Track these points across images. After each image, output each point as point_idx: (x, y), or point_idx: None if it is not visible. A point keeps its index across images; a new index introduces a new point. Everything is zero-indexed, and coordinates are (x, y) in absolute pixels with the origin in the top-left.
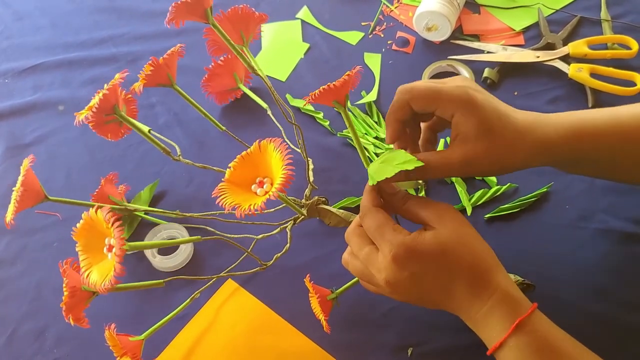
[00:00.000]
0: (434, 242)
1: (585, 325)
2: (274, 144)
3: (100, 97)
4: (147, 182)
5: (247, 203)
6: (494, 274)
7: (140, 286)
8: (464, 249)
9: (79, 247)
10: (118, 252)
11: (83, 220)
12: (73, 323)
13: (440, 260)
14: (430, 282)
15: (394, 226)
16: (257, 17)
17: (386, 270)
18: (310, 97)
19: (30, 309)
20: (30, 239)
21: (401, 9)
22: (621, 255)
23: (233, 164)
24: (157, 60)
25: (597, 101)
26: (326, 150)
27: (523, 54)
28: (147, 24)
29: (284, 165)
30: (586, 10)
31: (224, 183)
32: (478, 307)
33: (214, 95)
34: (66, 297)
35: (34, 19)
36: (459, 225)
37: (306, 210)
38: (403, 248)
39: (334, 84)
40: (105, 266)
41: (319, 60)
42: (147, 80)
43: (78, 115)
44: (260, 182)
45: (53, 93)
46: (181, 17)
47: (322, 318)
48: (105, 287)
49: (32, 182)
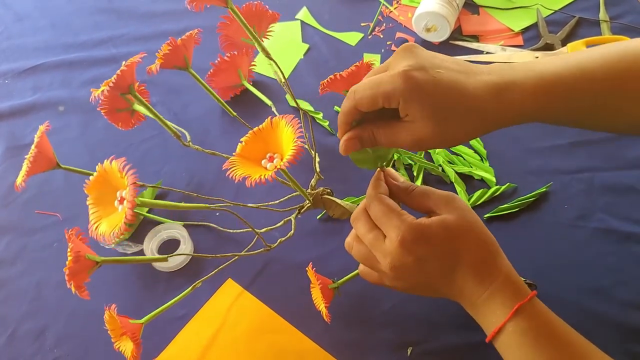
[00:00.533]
0: (441, 227)
1: (584, 324)
2: (286, 120)
3: (118, 73)
4: (148, 181)
5: (257, 174)
6: (497, 260)
7: (143, 260)
8: (470, 234)
9: (90, 200)
10: (130, 198)
11: (97, 172)
12: (74, 291)
13: (446, 244)
14: (435, 267)
15: (401, 211)
16: (270, 15)
17: (392, 255)
18: (323, 85)
19: (30, 309)
20: (30, 239)
21: (400, 9)
22: (620, 255)
23: (244, 138)
24: (175, 40)
25: None
26: (326, 150)
27: (522, 54)
28: (146, 24)
29: (295, 139)
30: (585, 10)
31: (235, 157)
32: (480, 292)
33: (217, 90)
34: (70, 262)
35: (33, 20)
36: (465, 212)
37: (311, 200)
38: (410, 232)
39: (348, 71)
40: (115, 218)
41: (319, 60)
42: (164, 60)
43: (94, 91)
44: (271, 157)
45: (53, 93)
46: (201, 0)
47: (322, 307)
48: (114, 235)
49: (46, 146)
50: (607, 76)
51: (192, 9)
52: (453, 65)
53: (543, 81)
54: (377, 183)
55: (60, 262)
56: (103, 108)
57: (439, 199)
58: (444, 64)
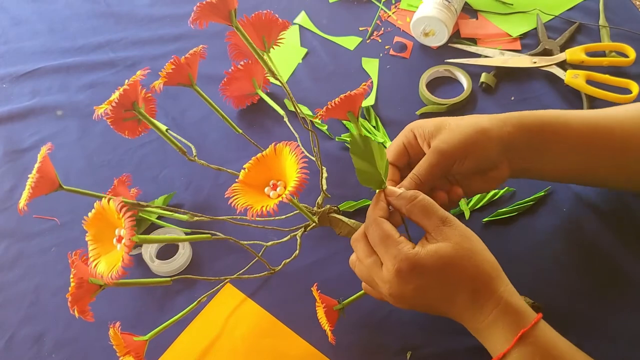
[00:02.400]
0: (437, 257)
1: (584, 328)
2: (290, 147)
3: (121, 92)
4: (145, 187)
5: (260, 205)
6: (496, 286)
7: (147, 282)
8: (466, 262)
9: (89, 236)
10: (127, 243)
11: (95, 209)
12: (77, 315)
13: (442, 274)
14: (433, 294)
15: (398, 239)
16: (280, 24)
17: (390, 283)
18: (323, 111)
19: (28, 314)
20: (28, 244)
21: (398, 14)
22: (619, 259)
23: (247, 165)
24: (179, 59)
25: (592, 108)
26: (324, 155)
27: (520, 59)
28: (145, 28)
29: (299, 169)
30: (584, 17)
31: (237, 184)
32: (482, 318)
33: (231, 99)
34: (73, 288)
35: (31, 24)
36: (462, 239)
37: (317, 218)
38: (406, 263)
39: (343, 97)
40: (114, 257)
41: (317, 65)
42: (168, 78)
43: (97, 109)
44: (274, 185)
45: (51, 98)
46: (205, 17)
47: (327, 328)
48: (112, 278)
49: (48, 169)
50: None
51: (195, 28)
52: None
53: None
54: (376, 204)
55: (59, 267)
56: (109, 118)
57: (437, 222)
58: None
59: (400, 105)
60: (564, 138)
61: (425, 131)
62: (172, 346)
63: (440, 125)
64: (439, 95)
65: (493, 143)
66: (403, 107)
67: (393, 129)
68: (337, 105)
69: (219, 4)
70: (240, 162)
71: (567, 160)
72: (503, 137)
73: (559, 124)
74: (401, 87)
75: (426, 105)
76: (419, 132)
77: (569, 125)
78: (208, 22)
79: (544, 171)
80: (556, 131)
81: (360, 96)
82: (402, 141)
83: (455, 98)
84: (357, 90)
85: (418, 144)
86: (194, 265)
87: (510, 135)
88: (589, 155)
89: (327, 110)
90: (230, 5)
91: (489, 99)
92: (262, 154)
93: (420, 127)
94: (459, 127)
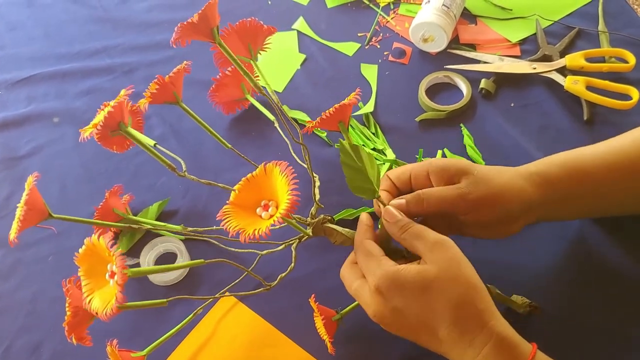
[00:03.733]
0: (418, 277)
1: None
2: (280, 167)
3: (106, 115)
4: (142, 194)
5: (252, 227)
6: (486, 318)
7: (142, 305)
8: (452, 289)
9: (81, 272)
10: (120, 281)
11: (85, 245)
12: (76, 342)
13: (423, 296)
14: (414, 319)
15: (381, 257)
16: (266, 30)
17: (371, 305)
18: (313, 125)
19: (26, 324)
20: (25, 253)
21: (397, 19)
22: (611, 264)
23: (238, 186)
24: (163, 78)
25: (592, 114)
26: (323, 162)
27: (519, 64)
28: (142, 34)
29: (289, 190)
30: (584, 22)
31: (228, 206)
32: (473, 354)
33: (221, 105)
34: (69, 317)
35: (27, 30)
36: (450, 263)
37: (312, 230)
38: (385, 279)
39: (334, 109)
40: (108, 292)
41: (316, 71)
42: (153, 98)
43: (83, 131)
44: (266, 206)
45: (47, 104)
46: (187, 37)
47: (326, 339)
48: (107, 315)
49: (36, 200)
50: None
51: (177, 46)
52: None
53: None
54: (362, 228)
55: (56, 276)
56: (95, 135)
57: (428, 244)
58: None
59: (399, 112)
60: (579, 186)
61: (444, 174)
62: (170, 358)
63: (466, 169)
64: (439, 101)
65: (519, 203)
66: (402, 114)
67: (393, 135)
68: (329, 117)
69: (201, 23)
70: (237, 170)
71: (583, 204)
72: (529, 197)
73: (578, 171)
74: (400, 94)
75: (425, 111)
76: (437, 171)
77: (585, 171)
78: (191, 40)
79: (561, 216)
80: (573, 183)
81: (349, 106)
82: (409, 171)
83: (454, 104)
84: (346, 101)
85: (427, 181)
86: (193, 274)
87: (534, 195)
88: (603, 192)
89: (321, 122)
90: (212, 23)
91: (488, 105)
92: (252, 175)
93: (439, 167)
94: (490, 179)
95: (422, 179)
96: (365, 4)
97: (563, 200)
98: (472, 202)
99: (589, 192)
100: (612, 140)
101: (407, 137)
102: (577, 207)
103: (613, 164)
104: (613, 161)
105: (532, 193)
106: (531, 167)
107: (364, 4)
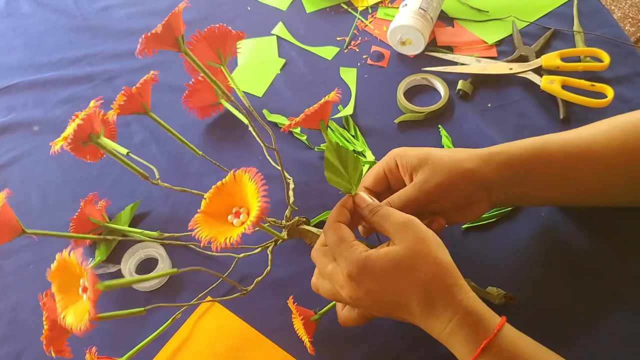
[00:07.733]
0: (386, 259)
1: (564, 332)
2: (249, 174)
3: (75, 128)
4: (124, 200)
5: (223, 236)
6: (454, 293)
7: (120, 315)
8: (418, 265)
9: (54, 287)
10: (92, 297)
11: (57, 262)
12: (55, 355)
13: (392, 277)
14: (387, 299)
15: (352, 242)
16: (234, 35)
17: (346, 288)
18: (294, 122)
19: (6, 333)
20: (5, 262)
21: (375, 23)
22: (583, 254)
23: (208, 195)
24: (130, 90)
25: (568, 113)
26: (304, 165)
27: (496, 65)
28: (121, 42)
29: (259, 197)
30: (559, 23)
31: (199, 214)
32: (441, 328)
33: (195, 110)
34: (46, 330)
35: (6, 39)
36: (417, 241)
37: (287, 232)
38: (355, 265)
39: (313, 108)
40: (81, 307)
41: (296, 75)
42: (121, 110)
43: (53, 145)
44: (237, 212)
45: (27, 114)
46: (152, 47)
47: (306, 340)
48: (81, 330)
49: (9, 217)
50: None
51: (144, 56)
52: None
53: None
54: (337, 210)
55: (37, 285)
56: (66, 147)
57: (394, 224)
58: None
59: (378, 114)
60: (545, 169)
61: (407, 162)
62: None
63: (424, 159)
64: (417, 103)
65: (474, 184)
66: (381, 116)
67: (372, 138)
68: (312, 114)
69: (165, 33)
70: (219, 175)
71: (549, 189)
72: (484, 177)
73: (543, 154)
74: (379, 96)
75: (404, 113)
76: (402, 162)
77: (551, 155)
78: (157, 50)
79: (528, 200)
80: (538, 165)
81: (330, 104)
82: (382, 167)
83: (432, 106)
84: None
85: (399, 172)
86: (174, 278)
87: (492, 175)
88: (570, 179)
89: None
90: (177, 32)
91: (466, 106)
92: (222, 182)
93: (403, 157)
94: (442, 165)
95: (395, 170)
96: (344, 9)
97: (526, 182)
98: (430, 193)
99: (555, 176)
100: (582, 129)
101: (386, 138)
102: (544, 191)
103: (581, 153)
104: (581, 149)
105: (489, 172)
106: (493, 148)
107: (342, 9)
